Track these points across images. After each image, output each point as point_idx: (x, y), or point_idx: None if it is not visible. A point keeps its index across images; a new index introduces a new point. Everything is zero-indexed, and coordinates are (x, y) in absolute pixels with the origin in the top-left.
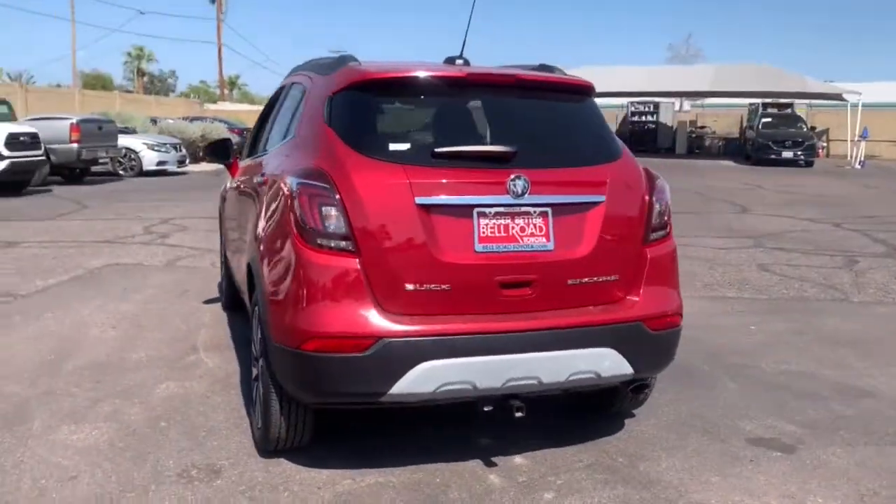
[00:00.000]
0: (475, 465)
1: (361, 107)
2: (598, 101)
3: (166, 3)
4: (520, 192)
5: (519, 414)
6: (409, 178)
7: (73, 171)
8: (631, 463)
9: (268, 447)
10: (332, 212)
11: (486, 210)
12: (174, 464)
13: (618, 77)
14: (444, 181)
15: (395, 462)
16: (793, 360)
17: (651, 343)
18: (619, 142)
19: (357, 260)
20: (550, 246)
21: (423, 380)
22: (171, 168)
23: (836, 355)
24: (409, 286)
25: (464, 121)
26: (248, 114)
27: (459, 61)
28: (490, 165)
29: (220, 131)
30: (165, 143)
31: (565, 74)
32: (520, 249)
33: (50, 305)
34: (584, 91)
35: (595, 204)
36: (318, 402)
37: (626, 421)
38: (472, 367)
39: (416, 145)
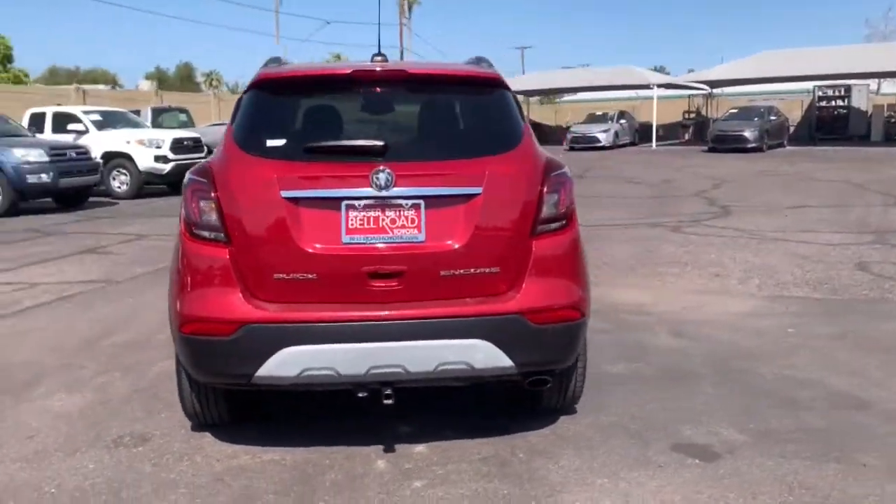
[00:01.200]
0: (375, 450)
1: (254, 106)
2: (778, 86)
3: (356, 10)
4: (383, 184)
5: (388, 402)
6: (276, 174)
7: None
8: (528, 459)
9: (192, 422)
10: (208, 205)
11: (355, 202)
12: (116, 431)
13: (803, 60)
14: (311, 175)
15: (304, 443)
16: (805, 365)
17: (534, 337)
18: (522, 133)
19: (227, 250)
20: (422, 237)
21: (285, 364)
22: None
23: (859, 363)
24: (277, 275)
25: (348, 117)
26: None
27: (378, 58)
28: (358, 159)
29: None
30: None
31: (489, 68)
32: (389, 241)
33: (133, 291)
34: (480, 83)
35: (471, 196)
36: (205, 382)
37: (562, 418)
38: (333, 354)
39: (293, 141)
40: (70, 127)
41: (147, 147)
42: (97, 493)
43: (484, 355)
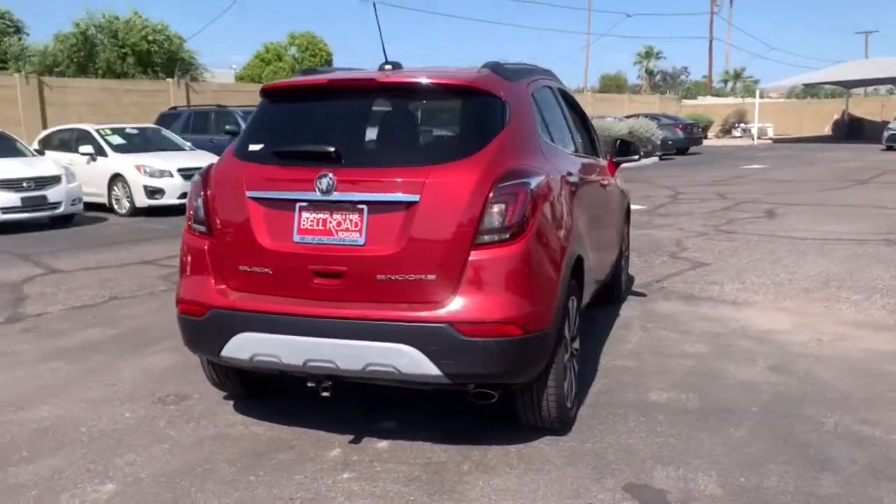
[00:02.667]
0: (343, 439)
1: (257, 114)
2: None
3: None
4: (324, 189)
5: (325, 394)
6: (245, 175)
7: None
8: (468, 471)
9: (220, 390)
10: (199, 202)
11: (306, 204)
12: (169, 390)
13: None
14: (270, 178)
15: (295, 422)
16: (887, 420)
17: (463, 349)
18: (486, 141)
19: (208, 241)
20: (361, 241)
21: (240, 347)
22: None
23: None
24: (242, 267)
25: (319, 124)
26: (722, 107)
27: (388, 66)
28: (310, 164)
29: (648, 128)
30: None
31: (479, 74)
32: (333, 242)
33: None
34: (449, 91)
35: (409, 204)
36: (195, 354)
37: (546, 437)
38: (277, 344)
39: (266, 146)
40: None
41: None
42: (107, 437)
43: (409, 361)
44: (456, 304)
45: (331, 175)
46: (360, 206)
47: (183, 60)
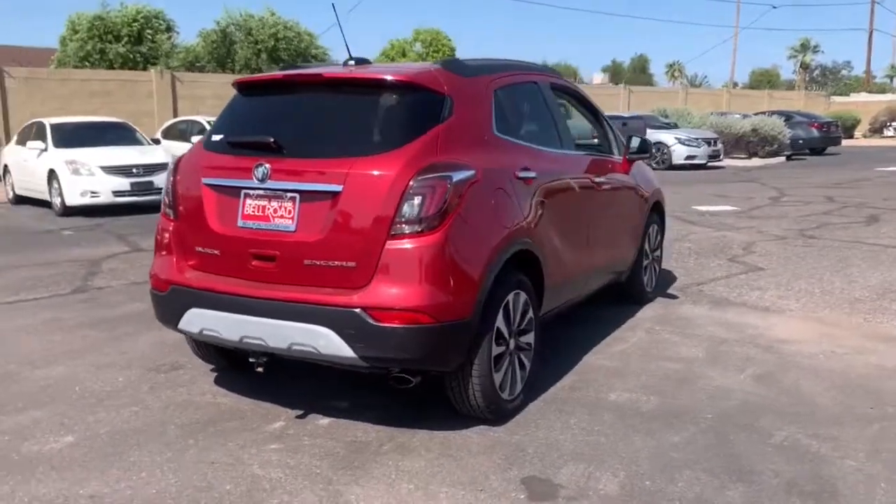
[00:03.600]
0: (291, 413)
1: (226, 106)
2: None
3: None
4: (260, 177)
5: (258, 370)
6: (202, 163)
7: None
8: (384, 452)
9: (205, 362)
10: (168, 187)
11: (249, 191)
12: (169, 360)
13: None
14: (221, 166)
15: (259, 395)
16: (766, 393)
17: (375, 334)
18: (416, 136)
19: (173, 224)
20: (293, 228)
21: (191, 322)
22: (700, 162)
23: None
24: (197, 248)
25: (272, 116)
26: (875, 105)
27: (351, 63)
28: (253, 153)
29: (774, 126)
30: (698, 138)
31: (421, 71)
32: (269, 228)
33: None
34: (385, 86)
35: (333, 193)
36: (166, 328)
37: (480, 426)
38: (219, 320)
39: (225, 137)
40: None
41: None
42: (93, 396)
43: (326, 342)
44: (370, 291)
45: (266, 164)
46: (293, 195)
47: (315, 57)
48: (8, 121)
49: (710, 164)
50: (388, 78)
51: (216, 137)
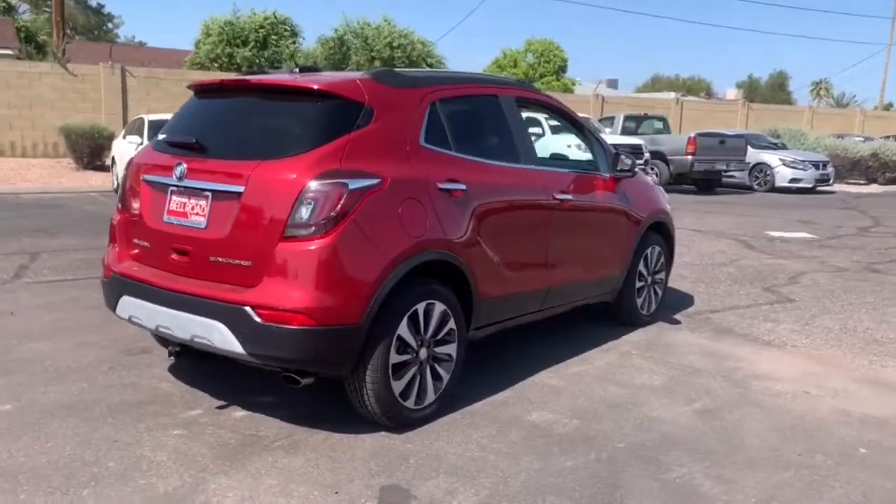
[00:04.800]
0: (214, 403)
1: (179, 109)
2: None
3: None
4: (179, 176)
5: (171, 358)
6: (144, 161)
7: (703, 182)
8: (267, 445)
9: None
10: (122, 182)
11: (174, 189)
12: (141, 345)
13: None
14: (155, 164)
15: (199, 384)
16: (698, 427)
17: (261, 332)
18: (322, 142)
19: (120, 216)
20: (203, 225)
21: (123, 308)
22: (805, 185)
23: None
24: (135, 240)
25: (205, 119)
26: None
27: (296, 70)
28: (177, 153)
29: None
30: (805, 161)
31: (339, 79)
32: (185, 224)
33: None
34: (301, 92)
35: (236, 194)
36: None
37: (381, 432)
38: (141, 308)
39: (166, 137)
40: None
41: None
42: (56, 371)
43: (220, 337)
44: (260, 290)
45: (184, 164)
46: (206, 193)
47: (430, 65)
48: (127, 116)
49: (818, 188)
50: (308, 86)
51: (161, 137)
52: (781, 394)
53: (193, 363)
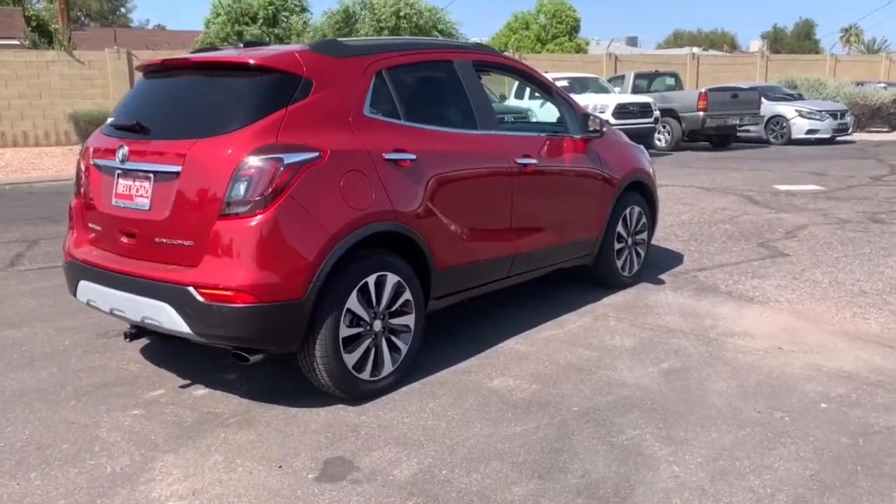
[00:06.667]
0: (179, 382)
1: (129, 91)
2: None
3: None
4: (121, 158)
5: (126, 340)
6: (94, 145)
7: (716, 138)
8: (222, 422)
9: None
10: (77, 167)
11: (119, 172)
12: (118, 329)
13: None
14: (102, 148)
15: (167, 364)
16: (660, 389)
17: (204, 311)
18: (255, 118)
19: (76, 201)
20: (147, 207)
21: (82, 292)
22: (823, 136)
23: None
24: (89, 224)
25: (151, 99)
26: None
27: (241, 45)
28: (121, 135)
29: None
30: (822, 111)
31: (276, 52)
32: (131, 207)
33: None
34: (236, 68)
35: (175, 174)
36: None
37: (337, 405)
38: (96, 292)
39: (111, 120)
40: None
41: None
42: (29, 356)
43: (168, 318)
44: (200, 270)
45: (126, 146)
46: (149, 175)
47: (441, 32)
48: None
49: (836, 138)
50: (243, 61)
51: (109, 120)
52: (753, 351)
53: (163, 344)
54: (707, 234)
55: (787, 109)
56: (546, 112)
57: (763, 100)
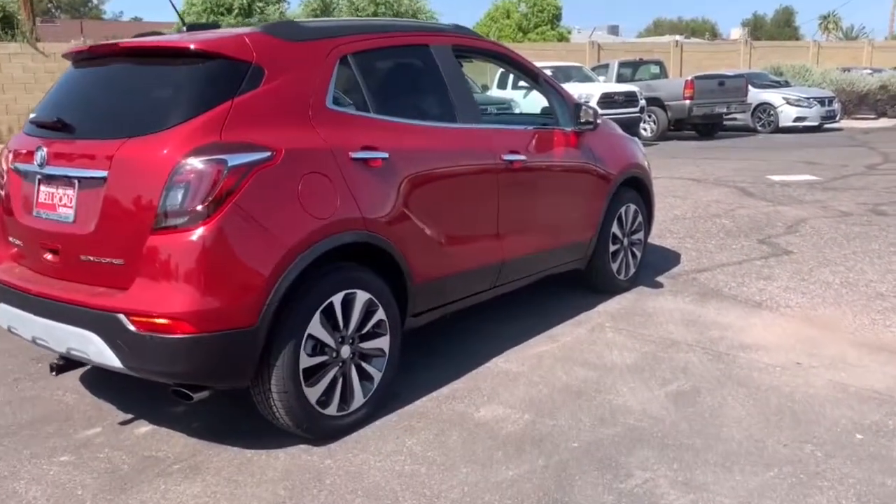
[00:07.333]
0: (119, 418)
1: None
2: None
3: None
4: (40, 161)
5: (53, 373)
6: (11, 146)
7: (703, 127)
8: (161, 472)
9: None
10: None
11: (41, 178)
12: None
13: None
14: (21, 149)
15: (108, 396)
16: (671, 418)
17: (136, 342)
18: (194, 112)
19: (1, 209)
20: (71, 218)
21: (1, 316)
22: (811, 124)
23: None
24: (10, 238)
25: (71, 91)
26: None
27: (184, 29)
28: (42, 135)
29: None
30: (809, 98)
31: (221, 35)
32: (54, 218)
33: None
34: (173, 54)
35: (101, 180)
36: None
37: (297, 443)
38: (17, 317)
39: (33, 116)
40: None
41: None
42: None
43: (95, 349)
44: (132, 294)
45: (45, 148)
46: (73, 181)
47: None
48: None
49: (824, 125)
50: (183, 45)
51: (31, 116)
52: (769, 367)
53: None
54: (703, 229)
55: (774, 97)
56: (532, 103)
57: (749, 87)
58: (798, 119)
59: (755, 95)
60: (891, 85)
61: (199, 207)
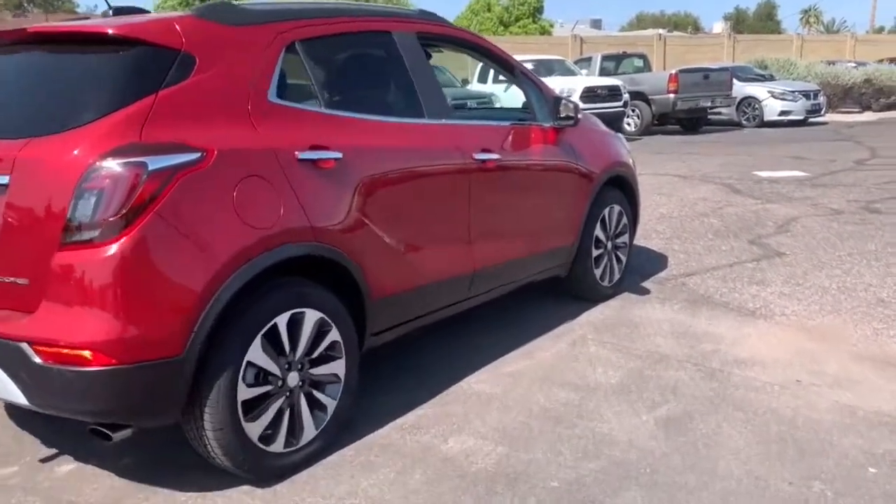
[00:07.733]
0: (40, 454)
1: None
2: None
3: None
4: None
5: None
6: None
7: (688, 121)
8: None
9: None
10: None
11: None
12: None
13: None
14: None
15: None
16: (661, 448)
17: (42, 375)
18: (115, 107)
19: None
20: None
21: None
22: (796, 118)
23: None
24: None
25: None
26: None
27: (110, 12)
28: None
29: (892, 75)
30: (794, 91)
31: (146, 20)
32: None
33: None
34: (95, 42)
35: (2, 186)
36: None
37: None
38: None
39: None
40: None
41: None
42: None
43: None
44: (37, 319)
45: None
46: None
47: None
48: None
49: (809, 119)
50: (100, 31)
51: None
52: (767, 386)
53: None
54: (690, 229)
55: (759, 90)
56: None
57: (734, 81)
58: (783, 113)
59: (740, 89)
60: (875, 78)
61: (114, 218)
